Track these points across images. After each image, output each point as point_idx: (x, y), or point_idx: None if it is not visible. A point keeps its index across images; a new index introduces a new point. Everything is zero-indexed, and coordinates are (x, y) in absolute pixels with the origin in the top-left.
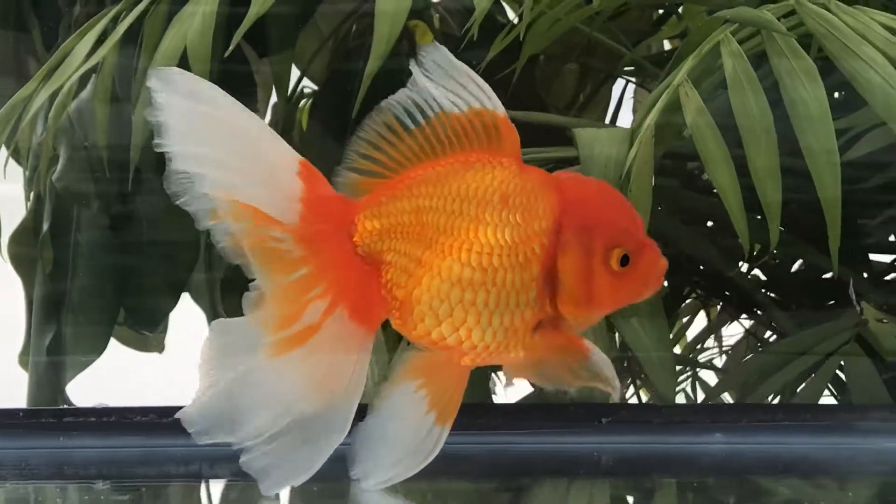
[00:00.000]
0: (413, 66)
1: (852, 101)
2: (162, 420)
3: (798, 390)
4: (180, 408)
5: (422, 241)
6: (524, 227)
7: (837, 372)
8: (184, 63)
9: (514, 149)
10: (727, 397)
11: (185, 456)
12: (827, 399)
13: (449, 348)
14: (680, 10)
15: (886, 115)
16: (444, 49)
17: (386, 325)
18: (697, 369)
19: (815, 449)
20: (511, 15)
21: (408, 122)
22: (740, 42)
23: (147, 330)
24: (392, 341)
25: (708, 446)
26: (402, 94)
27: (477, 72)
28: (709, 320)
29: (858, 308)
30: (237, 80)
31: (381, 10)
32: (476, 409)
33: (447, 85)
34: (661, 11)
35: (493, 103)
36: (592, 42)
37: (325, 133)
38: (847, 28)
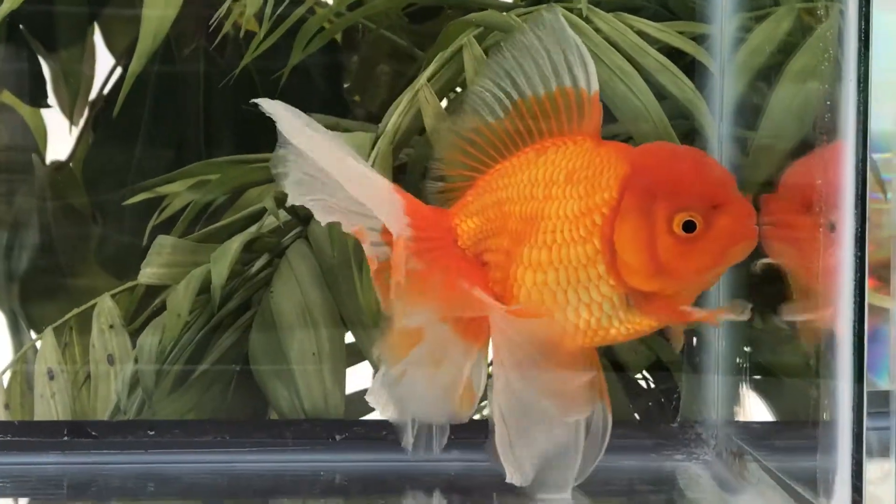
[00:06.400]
0: (502, 45)
1: None
2: None
3: None
4: None
5: (506, 233)
6: (586, 200)
7: None
8: None
9: (595, 126)
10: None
11: None
12: None
13: None
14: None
15: (630, 126)
16: (559, 16)
17: None
18: None
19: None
20: None
21: (488, 117)
22: (488, 49)
23: None
24: None
25: (447, 464)
26: (477, 89)
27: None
28: None
29: None
30: (22, 77)
31: (147, 16)
32: (194, 427)
33: (540, 61)
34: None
35: (588, 80)
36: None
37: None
38: (598, 35)
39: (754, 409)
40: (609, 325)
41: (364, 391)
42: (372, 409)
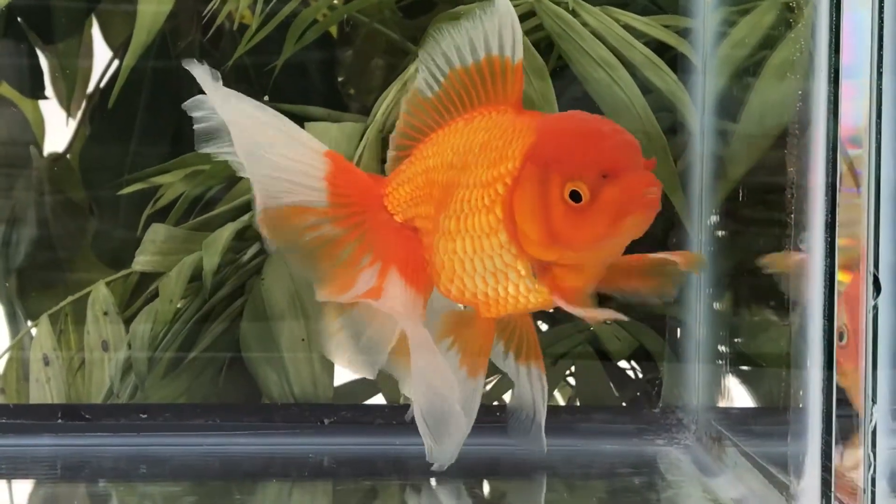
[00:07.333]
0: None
1: None
2: None
3: None
4: None
5: (432, 201)
6: (493, 169)
7: None
8: None
9: (517, 94)
10: None
11: None
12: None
13: (468, 302)
14: None
15: (613, 117)
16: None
17: None
18: None
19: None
20: None
21: (427, 92)
22: None
23: None
24: None
25: None
26: (420, 62)
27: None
28: None
29: None
30: (20, 69)
31: (142, 11)
32: (186, 410)
33: (473, 33)
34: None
35: (514, 48)
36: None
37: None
38: (584, 29)
39: (735, 395)
40: (517, 294)
41: (353, 381)
42: (361, 398)
